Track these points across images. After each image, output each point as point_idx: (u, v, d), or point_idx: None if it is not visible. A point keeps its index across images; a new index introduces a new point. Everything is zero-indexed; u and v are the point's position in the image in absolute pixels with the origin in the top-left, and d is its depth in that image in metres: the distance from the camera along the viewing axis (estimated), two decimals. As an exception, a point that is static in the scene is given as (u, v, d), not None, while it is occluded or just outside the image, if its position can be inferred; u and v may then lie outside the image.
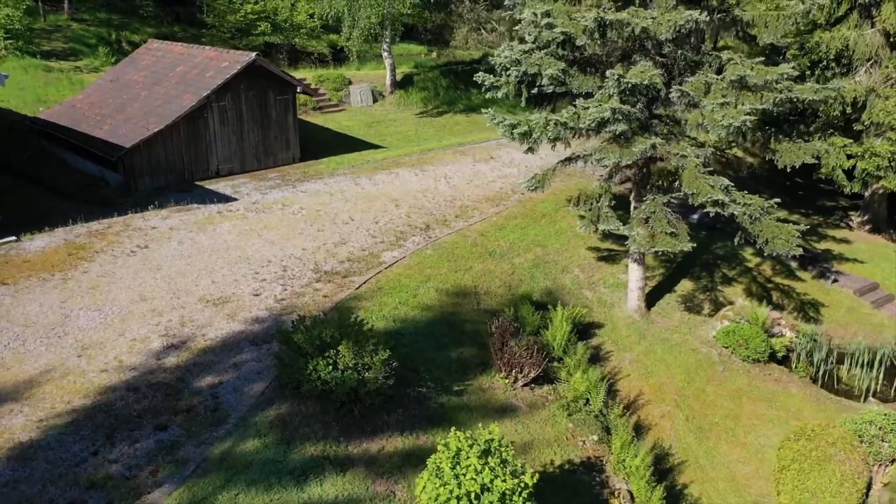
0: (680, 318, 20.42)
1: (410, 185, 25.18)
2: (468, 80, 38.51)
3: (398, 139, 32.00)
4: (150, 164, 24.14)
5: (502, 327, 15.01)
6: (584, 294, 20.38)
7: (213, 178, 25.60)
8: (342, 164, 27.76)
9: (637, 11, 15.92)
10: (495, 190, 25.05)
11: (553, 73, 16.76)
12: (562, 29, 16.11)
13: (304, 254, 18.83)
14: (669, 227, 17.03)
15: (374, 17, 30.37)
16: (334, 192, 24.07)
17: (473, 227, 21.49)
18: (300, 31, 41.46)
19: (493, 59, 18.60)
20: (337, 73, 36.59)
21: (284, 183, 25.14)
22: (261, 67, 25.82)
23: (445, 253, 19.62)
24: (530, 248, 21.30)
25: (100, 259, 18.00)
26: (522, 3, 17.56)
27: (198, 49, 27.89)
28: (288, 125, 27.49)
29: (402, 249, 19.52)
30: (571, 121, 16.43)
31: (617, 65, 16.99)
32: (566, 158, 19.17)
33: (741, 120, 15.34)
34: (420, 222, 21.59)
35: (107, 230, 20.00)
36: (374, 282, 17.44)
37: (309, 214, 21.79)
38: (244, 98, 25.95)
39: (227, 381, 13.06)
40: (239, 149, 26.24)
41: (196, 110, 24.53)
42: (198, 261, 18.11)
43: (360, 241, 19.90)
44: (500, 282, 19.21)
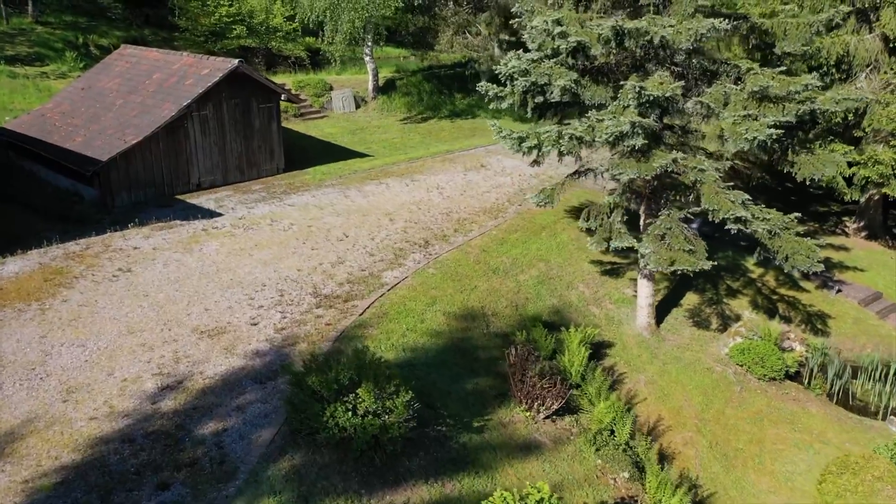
0: (690, 334, 19.58)
1: (402, 196, 24.04)
2: (451, 84, 37.51)
3: (384, 147, 30.80)
4: (127, 178, 22.67)
5: (521, 357, 13.97)
6: (591, 311, 19.45)
7: (194, 191, 24.19)
8: (329, 174, 26.51)
9: (655, 19, 14.97)
10: (491, 201, 24.01)
11: (565, 84, 15.75)
12: (576, 38, 15.10)
13: (301, 275, 17.59)
14: (687, 244, 16.14)
15: (358, 21, 29.12)
16: (324, 206, 22.83)
17: (474, 243, 20.42)
18: (277, 35, 39.97)
19: (497, 69, 17.55)
20: (318, 78, 35.25)
21: (270, 196, 23.82)
22: (243, 74, 24.45)
23: (448, 272, 18.53)
24: (533, 263, 20.31)
25: (80, 285, 16.58)
26: (532, 10, 16.51)
27: (175, 55, 26.40)
28: (272, 134, 26.16)
29: (403, 269, 18.38)
30: (586, 134, 15.43)
31: (631, 75, 16.03)
32: (575, 172, 18.18)
33: (767, 133, 14.49)
34: (418, 238, 20.46)
35: (85, 252, 18.55)
36: (378, 306, 16.29)
37: (300, 231, 20.54)
38: (226, 107, 24.57)
39: (231, 426, 11.82)
40: (221, 160, 24.85)
41: (176, 120, 23.10)
42: (187, 285, 16.78)
43: (357, 260, 18.71)
44: (506, 301, 18.18)
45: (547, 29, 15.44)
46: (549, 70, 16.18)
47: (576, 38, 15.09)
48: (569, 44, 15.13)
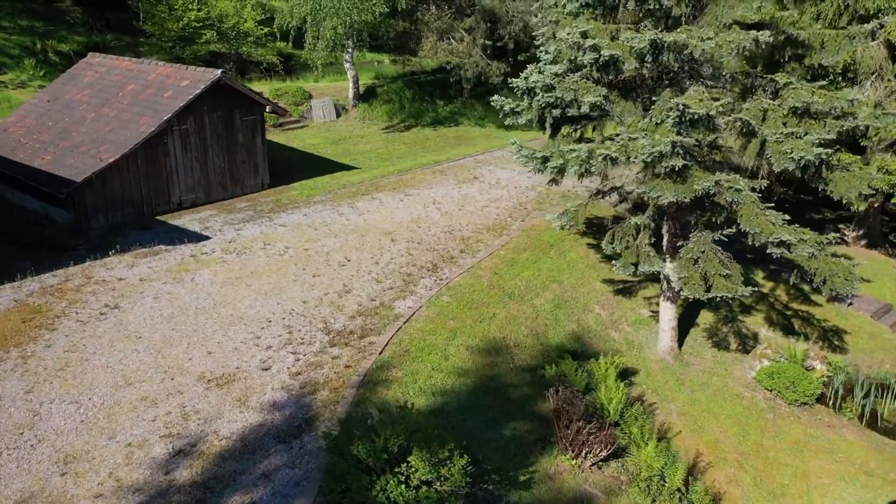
0: (712, 357, 18.61)
1: (399, 213, 22.61)
2: (433, 91, 36.15)
3: (369, 158, 29.30)
4: (104, 199, 20.83)
5: (564, 399, 12.72)
6: (610, 335, 18.32)
7: (175, 210, 22.43)
8: (316, 189, 24.95)
9: (693, 32, 13.84)
10: (492, 217, 22.73)
11: (595, 101, 14.53)
12: (609, 52, 13.88)
13: (307, 308, 16.08)
14: (723, 268, 15.09)
15: (341, 27, 27.53)
16: (318, 226, 21.29)
17: (484, 265, 19.12)
18: (248, 40, 38.11)
19: (514, 83, 16.29)
20: (295, 86, 33.53)
21: (258, 215, 22.19)
22: (226, 86, 22.76)
23: (463, 299, 17.20)
24: (547, 285, 19.10)
25: (63, 326, 14.83)
26: (556, 21, 15.26)
27: (149, 64, 24.53)
28: (256, 148, 24.49)
29: (416, 297, 16.99)
30: (620, 154, 14.24)
31: (664, 90, 14.89)
32: (597, 192, 16.97)
33: (815, 153, 13.49)
34: (424, 260, 19.08)
35: (65, 285, 16.76)
36: (398, 342, 14.88)
37: (297, 255, 18.99)
38: (208, 120, 22.85)
39: (260, 499, 10.32)
40: (203, 177, 23.11)
41: (155, 136, 21.32)
42: (183, 323, 15.14)
43: (365, 288, 17.26)
44: (526, 329, 16.93)
45: (576, 42, 14.18)
46: (576, 85, 14.95)
47: (609, 52, 13.87)
48: (602, 57, 13.89)
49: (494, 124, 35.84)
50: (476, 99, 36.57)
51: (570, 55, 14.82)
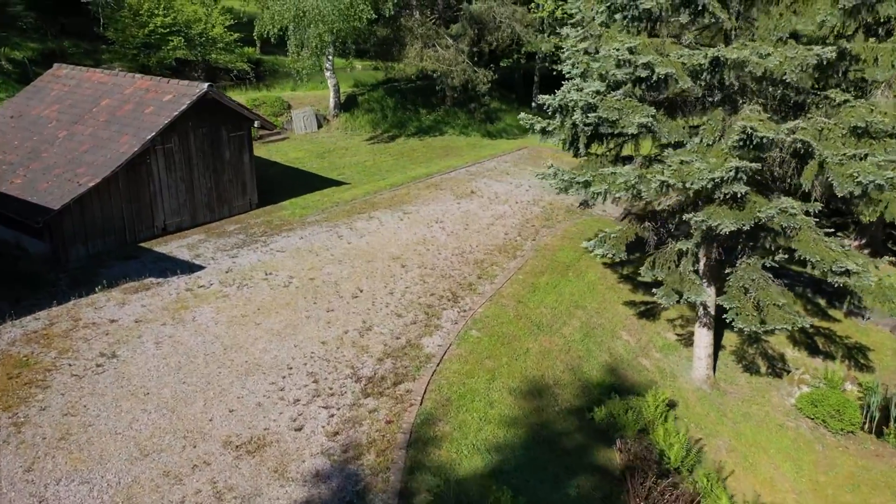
0: (746, 382, 17.65)
1: (402, 234, 21.12)
2: (415, 99, 34.70)
3: (357, 172, 27.70)
4: (83, 227, 18.87)
5: (637, 455, 11.48)
6: (642, 363, 17.20)
7: (159, 236, 20.54)
8: (308, 208, 23.28)
9: (754, 48, 12.70)
10: (501, 236, 21.41)
11: (644, 122, 13.31)
12: (664, 70, 12.66)
13: (328, 350, 14.51)
14: (778, 298, 14.06)
15: (327, 34, 25.83)
16: (319, 251, 19.66)
17: (505, 292, 17.78)
18: (217, 46, 35.98)
19: (546, 100, 15.00)
20: (273, 95, 31.64)
21: (251, 239, 20.44)
22: (212, 100, 20.92)
23: (493, 333, 15.84)
24: (571, 311, 17.88)
25: (57, 382, 12.98)
26: (599, 35, 13.97)
27: (125, 77, 22.50)
28: (244, 166, 22.70)
29: (442, 332, 15.56)
30: (674, 178, 13.04)
31: (716, 109, 13.75)
32: (635, 216, 15.74)
33: (887, 177, 12.51)
34: (442, 289, 17.65)
35: (50, 329, 14.86)
36: (436, 389, 13.44)
37: (304, 286, 17.37)
38: (193, 137, 21.00)
39: None
40: (189, 199, 21.24)
41: (137, 156, 19.39)
42: (194, 374, 13.43)
43: (386, 323, 15.76)
44: (562, 365, 15.67)
45: (625, 59, 12.92)
46: (620, 104, 13.70)
47: (664, 71, 12.64)
48: (657, 75, 12.66)
49: (478, 133, 34.60)
50: (459, 107, 35.24)
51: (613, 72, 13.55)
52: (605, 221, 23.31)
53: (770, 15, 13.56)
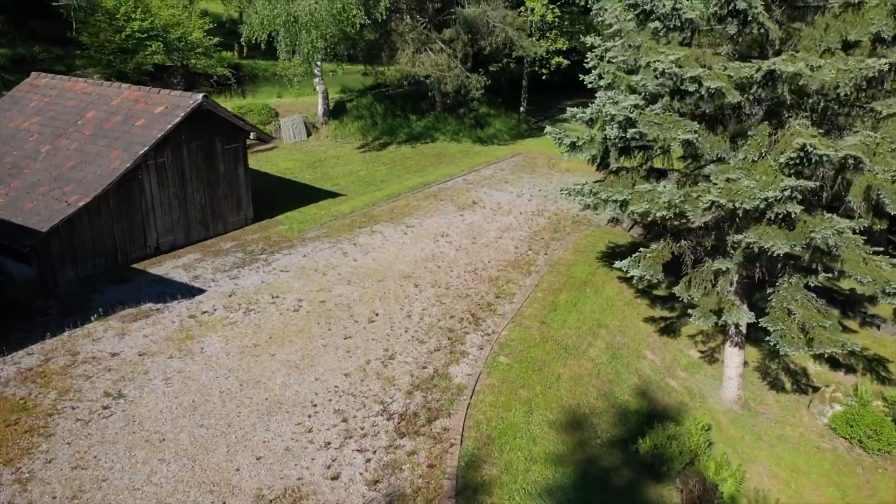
0: (775, 401, 17.05)
1: (408, 250, 20.14)
2: (404, 105, 33.70)
3: (352, 182, 26.60)
4: (73, 250, 17.55)
5: (699, 497, 10.68)
6: (670, 385, 16.48)
7: (153, 255, 19.27)
8: (306, 222, 22.17)
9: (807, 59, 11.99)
10: (511, 250, 20.54)
11: (689, 139, 12.53)
12: (714, 84, 11.88)
13: (352, 384, 13.49)
14: (823, 319, 13.40)
15: (320, 40, 24.68)
16: (324, 269, 18.60)
17: (527, 312, 16.92)
18: (196, 51, 34.51)
19: (576, 113, 14.15)
20: (261, 103, 30.33)
21: (250, 258, 19.28)
22: (206, 111, 19.71)
23: (521, 358, 14.97)
24: (595, 331, 17.10)
25: (61, 429, 11.77)
26: (638, 46, 13.15)
27: (111, 87, 21.13)
28: (238, 180, 21.50)
29: (469, 359, 14.64)
30: (723, 198, 12.27)
31: (761, 124, 13.03)
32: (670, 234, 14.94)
33: (945, 195, 11.88)
34: (461, 310, 16.72)
35: (46, 366, 13.60)
36: (474, 425, 12.50)
37: (315, 310, 16.31)
38: (186, 151, 19.77)
39: None
40: (182, 215, 19.99)
41: (129, 172, 18.12)
42: (211, 415, 12.31)
43: (409, 351, 14.78)
44: (594, 390, 14.86)
45: (671, 72, 12.11)
46: (660, 119, 12.89)
47: (714, 85, 11.86)
48: (708, 90, 11.88)
49: (469, 139, 33.70)
50: (448, 112, 34.29)
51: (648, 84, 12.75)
52: (614, 233, 22.61)
53: (815, 25, 12.88)
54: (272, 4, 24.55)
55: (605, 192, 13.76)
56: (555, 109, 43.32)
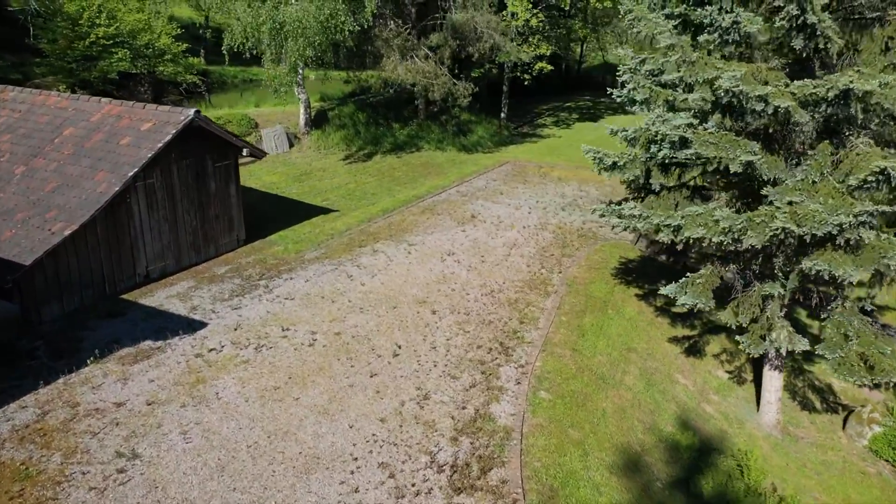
0: (809, 422, 16.42)
1: (416, 271, 18.97)
2: (386, 113, 32.44)
3: (342, 196, 25.26)
4: (57, 283, 15.92)
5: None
6: (706, 410, 15.70)
7: (142, 284, 17.71)
8: (302, 242, 20.81)
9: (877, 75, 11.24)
10: (523, 269, 19.54)
11: (750, 160, 11.67)
12: (784, 103, 11.04)
13: (390, 430, 12.28)
14: (883, 345, 12.72)
15: (309, 49, 23.25)
16: (332, 296, 17.32)
17: (555, 339, 15.94)
18: (164, 58, 32.65)
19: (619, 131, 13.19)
20: (240, 113, 28.68)
21: (249, 284, 17.87)
22: (197, 127, 18.20)
23: (562, 392, 13.97)
24: (625, 356, 16.22)
25: (74, 501, 10.28)
26: (692, 62, 12.22)
27: (88, 101, 19.40)
28: (230, 199, 20.02)
29: (509, 396, 13.57)
30: (791, 223, 11.45)
31: (822, 143, 12.25)
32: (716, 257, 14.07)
33: None
34: (486, 339, 15.64)
35: (45, 422, 12.06)
36: (533, 475, 11.43)
37: (332, 344, 15.03)
38: (177, 170, 18.24)
39: None
40: (173, 239, 18.45)
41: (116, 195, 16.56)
42: (243, 476, 10.97)
43: (443, 389, 13.63)
44: (640, 424, 13.95)
45: (736, 90, 11.22)
46: (714, 138, 12.01)
47: (784, 104, 11.02)
48: (779, 110, 11.02)
49: (454, 147, 32.62)
50: (431, 120, 33.12)
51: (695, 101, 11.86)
52: (624, 246, 21.84)
53: (874, 39, 12.15)
54: (256, 11, 23.01)
55: (657, 217, 12.80)
56: (531, 114, 42.59)
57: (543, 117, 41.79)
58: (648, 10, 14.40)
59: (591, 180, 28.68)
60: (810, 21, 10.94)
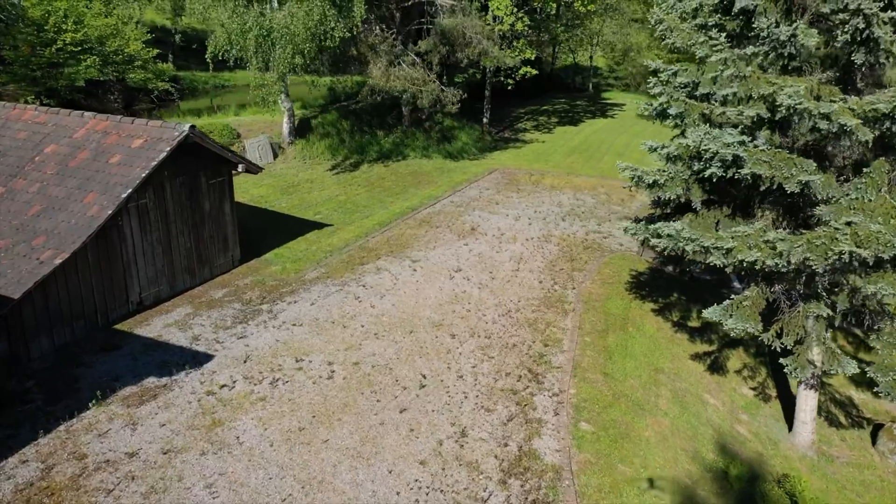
0: (840, 439, 16.01)
1: (426, 290, 18.07)
2: (370, 120, 31.41)
3: (334, 209, 24.18)
4: (47, 315, 14.62)
5: None
6: (740, 433, 15.15)
7: (136, 312, 16.47)
8: (300, 260, 19.73)
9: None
10: (536, 286, 18.78)
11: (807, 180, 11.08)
12: (847, 121, 10.45)
13: (433, 476, 11.36)
14: (936, 367, 12.27)
15: (298, 57, 22.09)
16: (342, 321, 16.32)
17: (584, 363, 15.22)
18: (135, 64, 31.04)
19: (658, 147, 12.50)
20: (222, 122, 27.30)
21: (251, 309, 16.76)
22: (193, 143, 17.01)
23: (603, 423, 13.24)
24: (654, 377, 15.59)
25: (97, 575, 9.14)
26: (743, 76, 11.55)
27: (69, 115, 18.00)
28: (224, 217, 18.84)
29: (549, 429, 12.78)
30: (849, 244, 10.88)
31: (877, 160, 11.72)
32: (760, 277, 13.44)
33: None
34: (514, 365, 14.83)
35: (51, 479, 10.86)
36: (595, 522, 10.64)
37: (352, 375, 14.05)
38: (170, 189, 17.03)
39: None
40: (167, 263, 17.23)
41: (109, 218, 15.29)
42: (282, 535, 9.93)
43: (479, 424, 12.77)
44: (683, 454, 13.31)
45: (799, 107, 10.60)
46: (768, 156, 11.39)
47: (849, 122, 10.43)
48: (845, 127, 10.43)
49: (439, 154, 31.73)
50: (416, 127, 32.17)
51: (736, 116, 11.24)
52: (631, 258, 21.26)
53: (927, 50, 11.65)
54: (241, 18, 21.76)
55: (705, 238, 12.11)
56: (510, 118, 41.94)
57: (523, 121, 41.16)
58: (680, 19, 13.75)
59: (585, 188, 28.10)
60: (875, 35, 10.37)
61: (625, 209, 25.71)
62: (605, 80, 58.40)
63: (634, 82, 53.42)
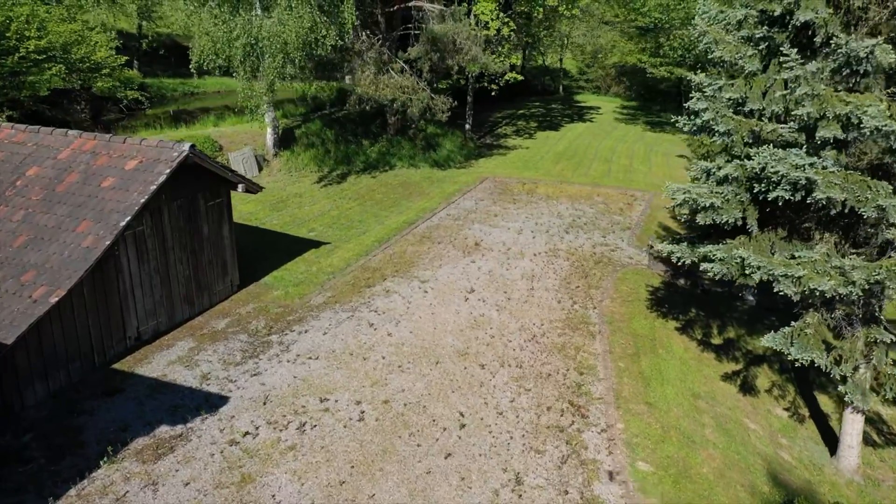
0: (880, 460, 15.54)
1: (443, 315, 17.07)
2: (354, 129, 30.18)
3: (328, 226, 22.96)
4: (41, 359, 13.21)
5: None
6: (784, 459, 14.53)
7: (134, 349, 15.11)
8: (302, 284, 18.54)
9: None
10: (555, 306, 17.94)
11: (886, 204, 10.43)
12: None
13: (497, 532, 10.36)
14: None
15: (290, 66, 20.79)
16: (361, 351, 15.22)
17: (624, 393, 14.41)
18: (102, 73, 29.22)
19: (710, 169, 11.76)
20: (202, 135, 25.70)
21: (259, 341, 15.54)
22: (192, 164, 15.69)
23: (659, 461, 12.44)
24: (694, 404, 14.89)
25: None
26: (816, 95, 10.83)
27: (52, 134, 16.46)
28: (223, 241, 17.53)
29: (606, 470, 11.91)
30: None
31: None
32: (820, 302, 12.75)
33: None
34: (552, 397, 13.94)
35: (68, 558, 9.49)
36: (679, 579, 9.78)
37: (385, 417, 12.97)
38: (168, 213, 15.69)
39: None
40: (165, 293, 15.87)
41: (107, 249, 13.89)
42: None
43: (532, 468, 11.82)
44: (740, 487, 12.61)
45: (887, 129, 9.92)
46: (839, 179, 10.71)
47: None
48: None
49: (426, 163, 30.70)
50: (401, 135, 31.05)
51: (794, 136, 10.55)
52: (644, 273, 20.58)
53: None
54: (228, 25, 20.36)
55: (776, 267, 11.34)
56: (489, 124, 41.11)
57: (502, 126, 40.37)
58: (724, 31, 13.02)
59: (581, 197, 27.40)
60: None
61: (626, 219, 25.09)
62: (576, 82, 58.03)
63: (605, 84, 53.11)
